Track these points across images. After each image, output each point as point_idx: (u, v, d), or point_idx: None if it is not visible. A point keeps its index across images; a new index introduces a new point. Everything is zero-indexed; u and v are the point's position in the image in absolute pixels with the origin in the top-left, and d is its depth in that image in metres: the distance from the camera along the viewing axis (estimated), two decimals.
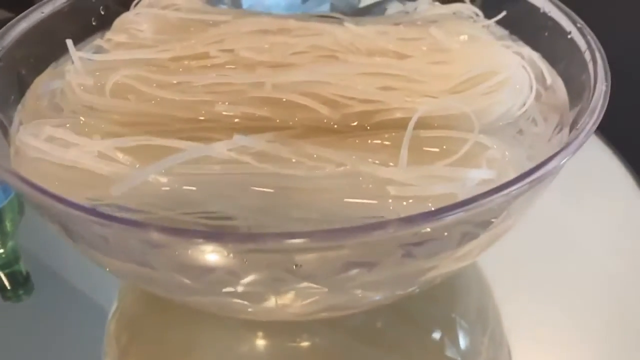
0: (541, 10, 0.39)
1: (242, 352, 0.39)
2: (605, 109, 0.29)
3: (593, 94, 0.30)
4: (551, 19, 0.38)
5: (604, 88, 0.30)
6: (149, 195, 0.29)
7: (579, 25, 0.35)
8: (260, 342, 0.39)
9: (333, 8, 0.47)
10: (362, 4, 0.47)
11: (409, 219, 0.23)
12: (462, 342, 0.40)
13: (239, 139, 0.30)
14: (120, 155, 0.30)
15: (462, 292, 0.43)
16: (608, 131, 0.47)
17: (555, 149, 0.32)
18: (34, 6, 0.39)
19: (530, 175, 0.25)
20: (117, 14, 0.44)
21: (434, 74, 0.34)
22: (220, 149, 0.29)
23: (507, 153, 0.30)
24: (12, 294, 0.44)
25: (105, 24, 0.44)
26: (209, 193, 0.29)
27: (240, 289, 0.26)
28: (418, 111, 0.30)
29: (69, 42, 0.37)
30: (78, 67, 0.36)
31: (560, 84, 0.36)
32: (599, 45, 0.34)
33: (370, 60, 0.35)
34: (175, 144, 0.30)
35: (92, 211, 0.23)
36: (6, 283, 0.44)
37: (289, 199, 0.29)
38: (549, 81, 0.35)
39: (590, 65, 0.33)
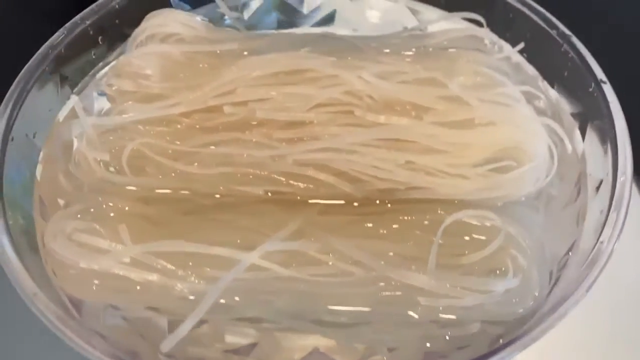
0: (562, 49, 0.37)
1: None
2: (629, 203, 0.30)
3: (614, 187, 0.30)
4: (572, 60, 0.37)
5: (628, 184, 0.30)
6: (181, 299, 0.31)
7: (601, 81, 0.35)
8: None
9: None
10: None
11: None
12: None
13: (271, 245, 0.30)
14: (152, 259, 0.31)
15: None
16: None
17: (571, 220, 0.33)
18: (33, 63, 0.37)
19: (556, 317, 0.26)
20: (116, 37, 0.42)
21: (455, 142, 0.34)
22: (253, 258, 0.30)
23: (527, 242, 0.31)
24: None
25: (104, 52, 0.42)
26: (241, 299, 0.30)
27: None
28: (446, 221, 0.30)
29: (77, 102, 0.36)
30: (90, 134, 0.35)
31: (578, 138, 0.36)
32: (620, 112, 0.33)
33: (389, 119, 0.35)
34: (207, 250, 0.30)
35: None
36: None
37: (318, 303, 0.30)
38: (569, 149, 0.35)
39: (609, 135, 0.33)
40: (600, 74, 0.35)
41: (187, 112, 0.36)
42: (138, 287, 0.31)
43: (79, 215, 0.33)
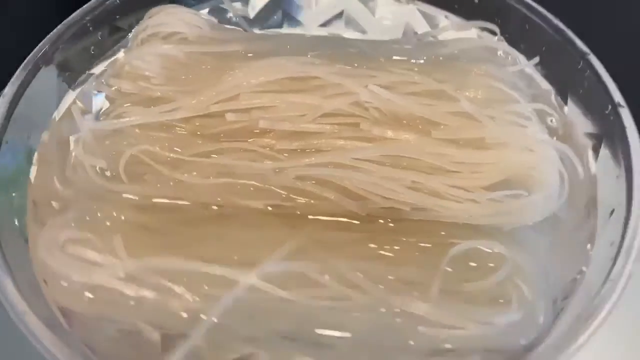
0: (579, 66, 0.36)
1: None
2: None
3: (627, 220, 0.30)
4: (588, 78, 0.36)
5: None
6: (176, 316, 0.30)
7: (618, 104, 0.34)
8: None
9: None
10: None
11: None
12: None
13: (270, 266, 0.29)
14: (148, 274, 0.30)
15: None
16: None
17: (578, 245, 0.32)
18: (31, 60, 0.36)
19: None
20: (116, 33, 0.41)
21: (465, 162, 0.33)
22: (252, 279, 0.29)
23: (532, 269, 0.30)
24: None
25: (104, 48, 0.40)
26: (236, 319, 0.30)
27: None
28: (451, 251, 0.29)
29: (75, 107, 0.35)
30: (87, 139, 0.34)
31: (590, 160, 0.35)
32: (637, 140, 0.32)
33: (396, 135, 0.34)
34: (204, 269, 0.30)
35: None
36: None
37: (315, 326, 0.30)
38: (580, 174, 0.33)
39: (624, 162, 0.32)
40: (617, 96, 0.34)
41: (187, 118, 0.35)
42: (132, 302, 0.30)
43: (72, 224, 0.32)
